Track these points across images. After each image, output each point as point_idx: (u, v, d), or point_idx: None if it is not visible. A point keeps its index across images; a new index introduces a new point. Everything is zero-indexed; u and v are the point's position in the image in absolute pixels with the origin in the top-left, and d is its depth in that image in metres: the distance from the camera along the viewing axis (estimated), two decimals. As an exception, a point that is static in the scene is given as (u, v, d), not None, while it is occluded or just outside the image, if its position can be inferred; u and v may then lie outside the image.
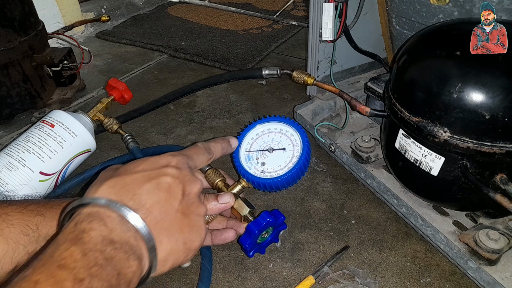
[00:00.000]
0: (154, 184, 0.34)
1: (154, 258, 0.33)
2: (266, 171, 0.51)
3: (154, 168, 0.36)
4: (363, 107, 0.56)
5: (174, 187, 0.35)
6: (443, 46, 0.44)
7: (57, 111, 0.65)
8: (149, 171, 0.36)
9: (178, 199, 0.35)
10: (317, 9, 0.63)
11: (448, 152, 0.44)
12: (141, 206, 0.33)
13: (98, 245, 0.28)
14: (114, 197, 0.32)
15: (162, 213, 0.34)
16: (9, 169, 0.56)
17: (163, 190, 0.35)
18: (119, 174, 0.35)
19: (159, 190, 0.34)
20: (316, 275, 0.49)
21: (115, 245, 0.29)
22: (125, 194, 0.33)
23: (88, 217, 0.30)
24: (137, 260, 0.31)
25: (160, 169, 0.36)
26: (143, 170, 0.36)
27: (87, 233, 0.29)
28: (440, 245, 0.49)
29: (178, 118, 0.85)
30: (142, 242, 0.32)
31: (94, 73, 1.06)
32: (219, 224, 0.52)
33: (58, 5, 1.22)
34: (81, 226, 0.29)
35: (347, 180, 0.66)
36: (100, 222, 0.30)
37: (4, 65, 0.78)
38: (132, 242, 0.31)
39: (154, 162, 0.37)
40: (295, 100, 0.89)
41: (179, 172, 0.37)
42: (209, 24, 1.36)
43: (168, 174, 0.36)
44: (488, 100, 0.39)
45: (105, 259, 0.28)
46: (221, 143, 0.48)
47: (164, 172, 0.36)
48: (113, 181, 0.34)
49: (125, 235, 0.30)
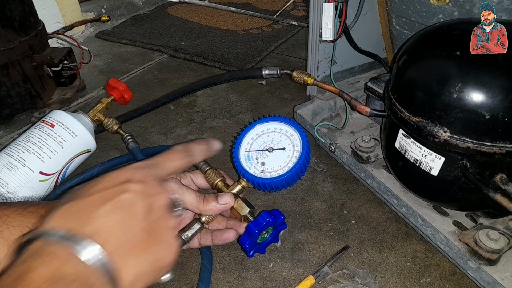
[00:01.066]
0: (111, 204, 0.31)
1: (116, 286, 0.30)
2: (266, 171, 0.51)
3: (112, 186, 0.33)
4: (363, 107, 0.56)
5: (134, 204, 0.32)
6: (443, 46, 0.44)
7: (57, 111, 0.65)
8: (105, 191, 0.32)
9: (140, 217, 0.32)
10: (317, 9, 0.63)
11: (448, 152, 0.44)
12: (97, 232, 0.30)
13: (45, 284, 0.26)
14: (67, 225, 0.29)
15: (123, 235, 0.31)
16: (9, 169, 0.56)
17: (122, 209, 0.32)
18: (73, 198, 0.32)
19: (117, 211, 0.31)
20: (316, 275, 0.49)
21: (66, 280, 0.27)
22: (79, 221, 0.30)
23: (34, 253, 0.28)
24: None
25: (119, 186, 0.33)
26: (99, 191, 0.33)
27: (31, 272, 0.26)
28: (440, 245, 0.49)
29: (178, 118, 0.85)
30: (101, 271, 0.29)
31: (94, 73, 1.06)
32: (219, 224, 0.52)
33: (58, 5, 1.22)
34: (24, 266, 0.27)
35: (347, 180, 0.66)
36: (49, 257, 0.27)
37: (4, 65, 0.78)
38: (87, 275, 0.28)
39: (113, 179, 0.34)
40: (295, 100, 0.89)
41: (141, 187, 0.34)
42: (209, 24, 1.36)
43: (128, 191, 0.33)
44: (488, 100, 0.39)
45: None
46: (201, 145, 0.45)
47: (123, 189, 0.33)
48: (66, 208, 0.31)
49: (78, 268, 0.28)
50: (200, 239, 0.50)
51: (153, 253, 0.33)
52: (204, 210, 0.45)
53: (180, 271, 0.52)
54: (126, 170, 0.35)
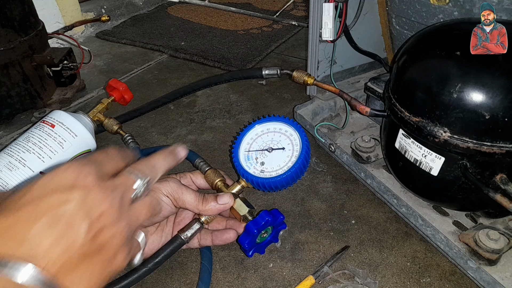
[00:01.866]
0: (49, 219, 0.27)
1: None
2: (266, 170, 0.51)
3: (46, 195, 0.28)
4: (363, 107, 0.56)
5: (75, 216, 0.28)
6: (443, 46, 0.44)
7: (57, 111, 0.65)
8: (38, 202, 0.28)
9: (82, 230, 0.28)
10: (317, 9, 0.63)
11: (448, 152, 0.44)
12: (35, 254, 0.26)
13: None
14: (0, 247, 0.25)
15: (65, 252, 0.27)
16: (10, 169, 0.56)
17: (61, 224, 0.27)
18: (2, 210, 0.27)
19: (55, 227, 0.27)
20: (316, 275, 0.49)
21: None
22: (10, 242, 0.26)
23: None
24: None
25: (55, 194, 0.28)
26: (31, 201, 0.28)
27: None
28: (440, 245, 0.49)
29: (178, 118, 0.85)
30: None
31: (94, 73, 1.06)
32: (219, 225, 0.52)
33: (58, 5, 1.22)
34: None
35: (347, 180, 0.66)
36: None
37: (4, 65, 0.78)
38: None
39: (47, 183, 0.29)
40: (295, 100, 0.89)
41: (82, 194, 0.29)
42: (209, 24, 1.36)
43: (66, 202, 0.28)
44: (488, 100, 0.39)
45: None
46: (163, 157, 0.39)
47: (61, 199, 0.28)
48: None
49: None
50: (200, 239, 0.50)
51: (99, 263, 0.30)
52: (204, 210, 0.45)
53: (180, 271, 0.52)
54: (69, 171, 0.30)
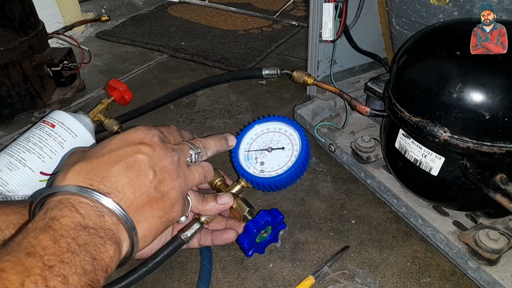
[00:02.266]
0: (123, 164, 0.34)
1: (135, 238, 0.33)
2: (265, 170, 0.51)
3: (125, 146, 0.35)
4: (363, 107, 0.56)
5: (144, 165, 0.35)
6: (443, 46, 0.44)
7: (57, 111, 0.65)
8: (116, 151, 0.35)
9: (149, 177, 0.35)
10: (317, 9, 0.63)
11: (448, 152, 0.44)
12: (112, 189, 0.32)
13: (71, 232, 0.28)
14: (83, 183, 0.31)
15: (135, 192, 0.33)
16: (10, 169, 0.56)
17: (133, 169, 0.34)
18: (86, 158, 0.34)
19: (128, 170, 0.34)
20: (316, 275, 0.49)
21: (90, 230, 0.29)
22: (94, 179, 0.32)
23: (58, 204, 0.29)
24: (114, 244, 0.30)
25: (131, 147, 0.35)
26: (110, 151, 0.35)
27: (57, 220, 0.28)
28: (440, 245, 0.49)
29: (178, 118, 0.85)
30: (120, 225, 0.32)
31: (94, 73, 1.06)
32: (218, 225, 0.52)
33: (58, 5, 1.22)
34: (51, 214, 0.28)
35: (347, 180, 0.66)
36: (72, 209, 0.29)
37: (4, 65, 0.78)
38: (108, 227, 0.30)
39: (122, 140, 0.36)
40: (295, 100, 0.89)
41: (151, 149, 0.36)
42: (209, 24, 1.36)
43: (139, 152, 0.35)
44: (488, 100, 0.39)
45: (79, 245, 0.27)
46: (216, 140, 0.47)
47: (135, 150, 0.35)
48: (80, 166, 0.33)
49: (99, 220, 0.30)
50: (200, 239, 0.50)
51: (160, 209, 0.36)
52: (203, 210, 0.45)
53: (180, 271, 0.52)
54: (138, 132, 0.37)
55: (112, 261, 0.30)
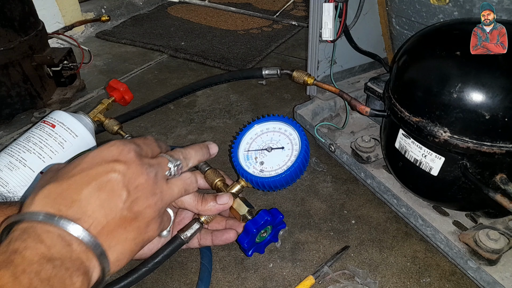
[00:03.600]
0: (94, 186, 0.32)
1: (105, 264, 0.31)
2: (265, 170, 0.51)
3: (95, 165, 0.33)
4: (363, 107, 0.56)
5: (116, 184, 0.33)
6: (443, 46, 0.44)
7: (58, 111, 0.65)
8: (89, 170, 0.33)
9: (122, 197, 0.33)
10: (317, 9, 0.63)
11: (448, 152, 0.44)
12: (82, 214, 0.30)
13: (34, 266, 0.26)
14: (51, 208, 0.29)
15: (107, 216, 0.32)
16: (10, 169, 0.56)
17: (105, 190, 0.32)
18: (56, 179, 0.32)
19: (100, 192, 0.32)
20: (316, 275, 0.49)
21: (55, 262, 0.27)
22: (62, 203, 0.30)
23: (22, 234, 0.28)
24: (81, 276, 0.29)
25: (102, 165, 0.33)
26: (81, 171, 0.32)
27: (20, 254, 0.26)
28: (440, 245, 0.49)
29: (178, 118, 0.85)
30: (89, 252, 0.30)
31: (94, 73, 1.06)
32: (218, 224, 0.52)
33: (58, 5, 1.22)
34: (14, 246, 0.27)
35: (347, 180, 0.66)
36: (36, 240, 0.27)
37: (4, 65, 0.78)
38: (76, 256, 0.29)
39: (95, 157, 0.34)
40: (295, 100, 0.89)
41: (125, 167, 0.34)
42: (209, 24, 1.36)
43: (112, 171, 0.33)
44: (488, 100, 0.39)
45: (41, 280, 0.26)
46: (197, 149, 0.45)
47: (108, 169, 0.33)
48: (48, 189, 0.31)
49: (66, 250, 0.28)
50: (199, 239, 0.50)
51: (134, 230, 0.34)
52: (203, 210, 0.45)
53: (180, 271, 0.52)
54: (113, 148, 0.35)
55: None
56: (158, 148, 0.41)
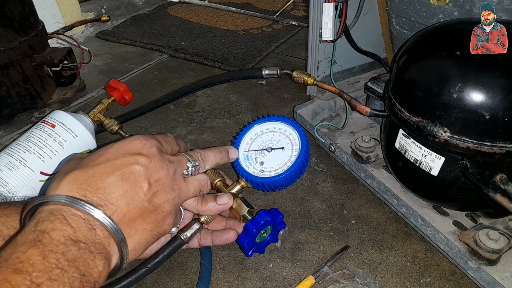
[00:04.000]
0: (118, 175, 0.33)
1: (125, 250, 0.32)
2: (265, 170, 0.51)
3: (119, 156, 0.34)
4: (363, 107, 0.56)
5: (139, 176, 0.34)
6: (443, 46, 0.44)
7: (58, 111, 0.65)
8: (112, 161, 0.34)
9: (144, 189, 0.34)
10: (317, 9, 0.63)
11: (448, 152, 0.44)
12: (106, 201, 0.31)
13: (61, 246, 0.27)
14: (76, 193, 0.31)
15: (128, 205, 0.33)
16: (10, 169, 0.56)
17: (128, 181, 0.33)
18: (81, 166, 0.33)
19: (123, 182, 0.33)
20: (316, 275, 0.49)
21: (80, 245, 0.28)
22: (88, 189, 0.31)
23: (49, 215, 0.29)
24: (103, 259, 0.30)
25: (125, 157, 0.34)
26: (106, 160, 0.34)
27: (48, 234, 0.27)
28: (440, 245, 0.49)
29: (178, 118, 0.85)
30: (111, 238, 0.31)
31: (94, 73, 1.06)
32: (218, 225, 0.52)
33: (58, 5, 1.22)
34: (42, 226, 0.28)
35: (347, 180, 0.66)
36: (63, 222, 0.28)
37: (4, 65, 0.78)
38: (98, 240, 0.30)
39: (119, 149, 0.35)
40: (295, 100, 0.89)
41: (148, 161, 0.35)
42: (209, 24, 1.36)
43: (135, 164, 0.34)
44: (488, 100, 0.39)
45: (68, 261, 0.27)
46: (216, 152, 0.47)
47: (131, 161, 0.34)
48: (74, 175, 0.32)
49: (90, 233, 0.29)
50: (200, 239, 0.50)
51: (152, 222, 0.35)
52: (203, 211, 0.45)
53: (180, 271, 0.52)
54: (136, 141, 0.37)
55: (100, 277, 0.29)
56: (177, 146, 0.42)
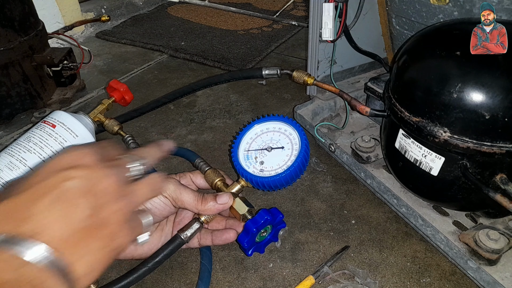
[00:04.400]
0: (51, 197, 0.29)
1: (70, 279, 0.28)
2: (265, 169, 0.51)
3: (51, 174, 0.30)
4: (363, 107, 0.56)
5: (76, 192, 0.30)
6: (443, 46, 0.44)
7: (58, 111, 0.65)
8: (44, 182, 0.30)
9: (83, 206, 0.30)
10: (317, 9, 0.63)
11: (448, 152, 0.44)
12: (39, 230, 0.27)
13: None
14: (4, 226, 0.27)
15: (67, 228, 0.29)
16: (10, 169, 0.56)
17: (63, 200, 0.29)
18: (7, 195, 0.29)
19: (58, 203, 0.29)
20: (316, 275, 0.49)
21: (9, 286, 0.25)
22: (17, 219, 0.27)
23: None
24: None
25: (59, 173, 0.31)
26: (36, 183, 0.30)
27: None
28: (440, 245, 0.49)
29: (178, 118, 0.85)
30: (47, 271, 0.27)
31: (94, 73, 1.06)
32: (218, 224, 0.52)
33: (58, 5, 1.22)
34: None
35: (347, 180, 0.66)
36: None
37: (4, 65, 0.78)
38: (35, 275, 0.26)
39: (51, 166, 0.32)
40: (295, 100, 0.89)
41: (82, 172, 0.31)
42: (209, 24, 1.36)
43: (68, 179, 0.30)
44: (488, 100, 0.39)
45: None
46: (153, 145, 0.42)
47: (63, 177, 0.30)
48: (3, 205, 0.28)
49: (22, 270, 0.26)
50: (200, 239, 0.50)
51: (101, 238, 0.31)
52: (203, 210, 0.45)
53: (180, 271, 0.52)
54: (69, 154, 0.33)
55: None
56: (115, 151, 0.38)
